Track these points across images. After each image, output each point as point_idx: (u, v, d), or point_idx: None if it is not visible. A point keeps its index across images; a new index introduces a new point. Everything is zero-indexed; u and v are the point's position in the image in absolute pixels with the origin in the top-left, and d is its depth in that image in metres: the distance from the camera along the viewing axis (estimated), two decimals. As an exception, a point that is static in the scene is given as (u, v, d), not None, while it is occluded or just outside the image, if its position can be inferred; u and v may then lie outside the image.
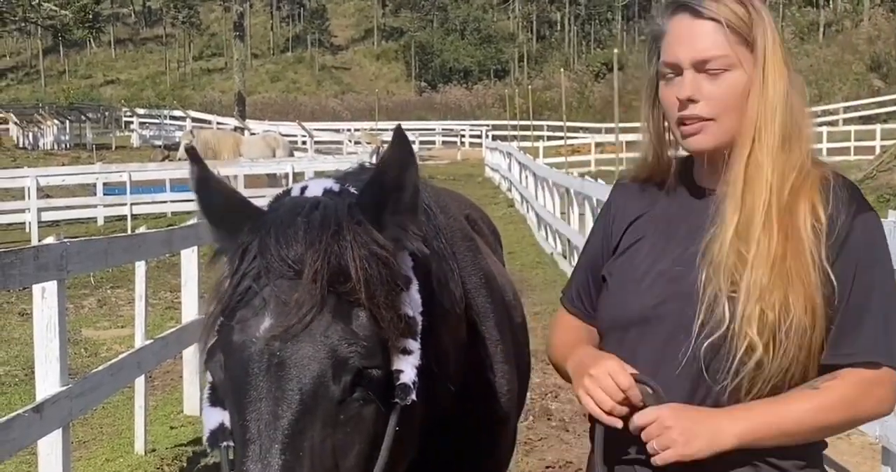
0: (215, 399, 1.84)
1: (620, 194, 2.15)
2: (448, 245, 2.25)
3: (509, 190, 26.71)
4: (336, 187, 1.95)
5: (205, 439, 1.86)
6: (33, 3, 43.40)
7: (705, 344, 1.85)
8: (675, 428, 1.80)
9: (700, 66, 1.90)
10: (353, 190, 1.95)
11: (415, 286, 1.88)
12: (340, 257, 1.74)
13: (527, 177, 21.64)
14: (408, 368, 1.80)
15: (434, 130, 49.10)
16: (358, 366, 1.71)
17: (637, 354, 1.94)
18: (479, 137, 46.07)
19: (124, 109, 50.77)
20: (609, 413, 1.87)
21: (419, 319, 1.86)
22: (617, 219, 2.11)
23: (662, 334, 1.92)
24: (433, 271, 2.05)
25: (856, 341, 1.85)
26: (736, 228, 1.85)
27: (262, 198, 2.05)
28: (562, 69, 38.09)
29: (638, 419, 1.84)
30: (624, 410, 1.87)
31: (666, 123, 2.02)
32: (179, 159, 24.31)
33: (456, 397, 2.12)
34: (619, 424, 1.87)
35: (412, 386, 1.79)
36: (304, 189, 1.96)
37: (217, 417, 1.83)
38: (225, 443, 1.80)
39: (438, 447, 2.12)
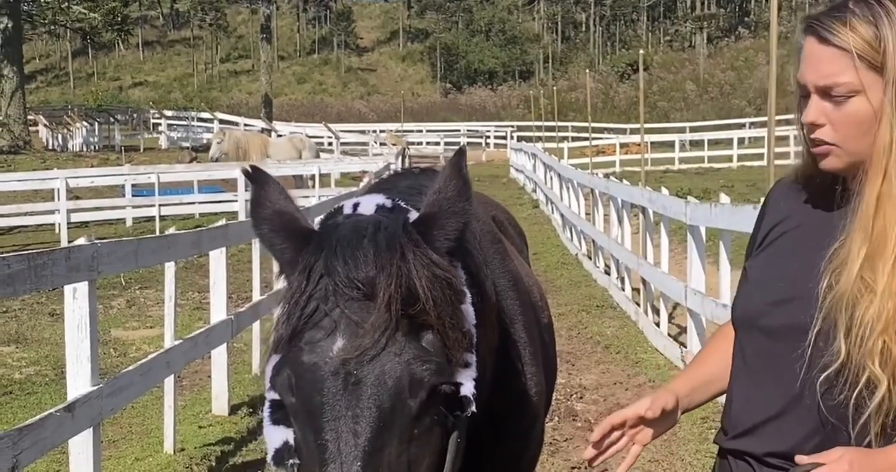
0: (278, 418, 1.86)
1: (778, 191, 2.13)
2: (481, 250, 2.27)
3: (534, 191, 26.68)
4: (388, 203, 1.97)
5: (269, 457, 1.87)
6: (62, 6, 43.77)
7: (822, 377, 1.81)
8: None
9: (824, 92, 1.86)
10: (403, 204, 1.98)
11: (468, 299, 1.91)
12: (409, 280, 1.77)
13: (552, 178, 21.61)
14: (467, 380, 1.84)
15: (459, 131, 49.10)
16: (432, 383, 1.75)
17: (753, 353, 1.95)
18: (504, 138, 46.10)
19: (152, 111, 51.13)
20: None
21: (473, 331, 1.90)
22: (768, 215, 2.10)
23: (780, 335, 1.91)
24: (475, 281, 2.08)
25: None
26: (863, 262, 1.80)
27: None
28: (587, 70, 37.95)
29: (804, 458, 1.79)
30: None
31: None
32: (214, 159, 24.51)
33: (486, 400, 2.14)
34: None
35: (472, 398, 1.83)
36: (356, 206, 1.98)
37: (281, 435, 1.85)
38: (291, 461, 1.82)
39: (467, 450, 2.14)
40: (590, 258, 14.94)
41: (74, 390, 4.72)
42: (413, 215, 1.92)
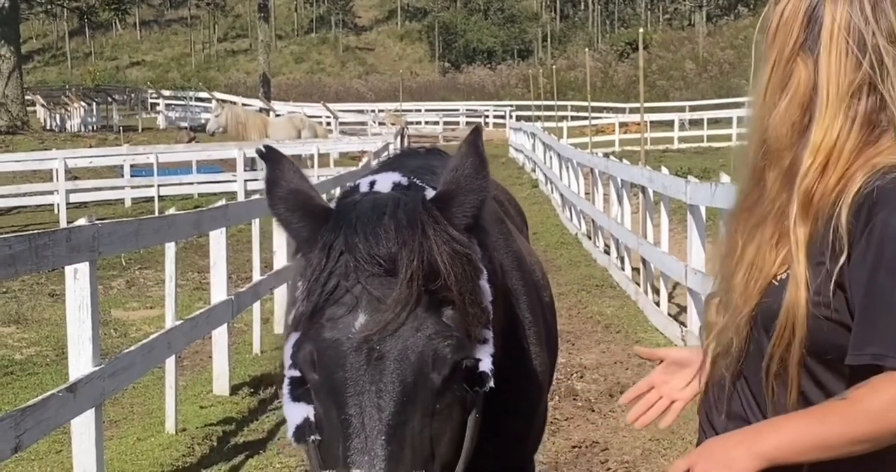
0: (298, 395, 1.87)
1: None
2: (488, 231, 2.28)
3: (533, 171, 26.65)
4: (405, 181, 2.00)
5: (289, 433, 1.88)
6: (59, -15, 43.61)
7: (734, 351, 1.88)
8: (698, 466, 1.74)
9: None
10: (418, 182, 2.01)
11: (485, 276, 1.93)
12: (431, 255, 1.79)
13: (551, 157, 21.57)
14: (485, 357, 1.87)
15: (458, 110, 48.94)
16: (453, 358, 1.77)
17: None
18: (503, 117, 45.94)
19: (150, 91, 50.94)
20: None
21: (490, 308, 1.92)
22: None
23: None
24: (489, 258, 2.10)
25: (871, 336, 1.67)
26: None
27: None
28: (586, 49, 37.77)
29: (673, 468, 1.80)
30: None
31: None
32: (211, 133, 24.51)
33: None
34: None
35: (490, 374, 1.86)
36: (372, 183, 2.00)
37: (301, 412, 1.86)
38: (312, 437, 1.83)
39: None
40: (589, 238, 14.94)
41: (76, 370, 4.73)
42: (429, 193, 1.94)
